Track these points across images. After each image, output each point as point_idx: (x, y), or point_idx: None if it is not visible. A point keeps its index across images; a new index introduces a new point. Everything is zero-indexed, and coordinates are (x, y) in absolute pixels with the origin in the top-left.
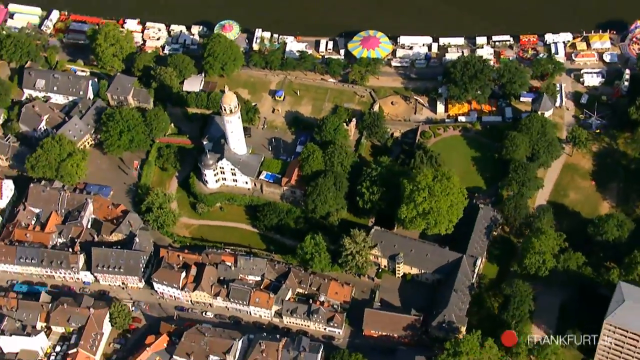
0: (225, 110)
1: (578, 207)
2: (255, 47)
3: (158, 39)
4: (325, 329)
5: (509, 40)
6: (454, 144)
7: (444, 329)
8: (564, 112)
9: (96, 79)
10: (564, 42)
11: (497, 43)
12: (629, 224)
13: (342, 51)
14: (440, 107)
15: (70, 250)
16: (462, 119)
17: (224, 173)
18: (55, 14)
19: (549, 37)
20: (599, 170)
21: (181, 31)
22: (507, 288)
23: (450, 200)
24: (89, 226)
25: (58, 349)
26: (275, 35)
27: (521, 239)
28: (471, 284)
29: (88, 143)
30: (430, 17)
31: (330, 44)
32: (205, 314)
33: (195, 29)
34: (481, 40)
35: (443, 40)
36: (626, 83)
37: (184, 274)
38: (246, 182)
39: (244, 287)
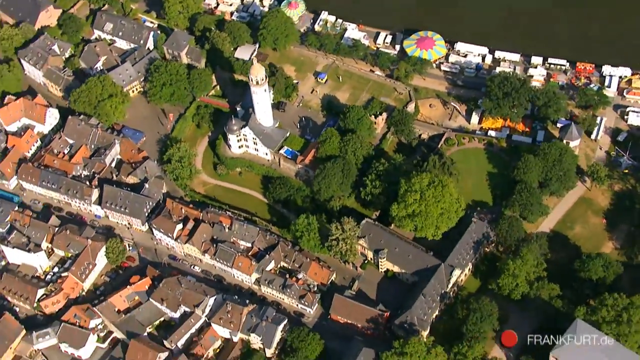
0: (252, 81)
1: (580, 241)
2: (317, 28)
3: (231, 4)
4: (297, 305)
5: (565, 65)
6: (474, 156)
7: (405, 329)
8: (596, 146)
9: (158, 32)
10: (620, 77)
11: (551, 65)
12: (616, 267)
13: (397, 47)
14: (475, 118)
15: (88, 183)
16: (492, 133)
17: (246, 141)
18: None
19: (606, 69)
20: (613, 210)
21: (253, 1)
22: (474, 303)
23: (442, 208)
24: (113, 165)
25: (56, 270)
26: (340, 21)
27: None
28: (444, 293)
29: (136, 89)
30: (491, 29)
31: (389, 39)
32: (194, 267)
33: (267, 1)
34: (537, 60)
35: (499, 54)
36: None
37: (180, 226)
38: (266, 154)
39: (230, 250)
